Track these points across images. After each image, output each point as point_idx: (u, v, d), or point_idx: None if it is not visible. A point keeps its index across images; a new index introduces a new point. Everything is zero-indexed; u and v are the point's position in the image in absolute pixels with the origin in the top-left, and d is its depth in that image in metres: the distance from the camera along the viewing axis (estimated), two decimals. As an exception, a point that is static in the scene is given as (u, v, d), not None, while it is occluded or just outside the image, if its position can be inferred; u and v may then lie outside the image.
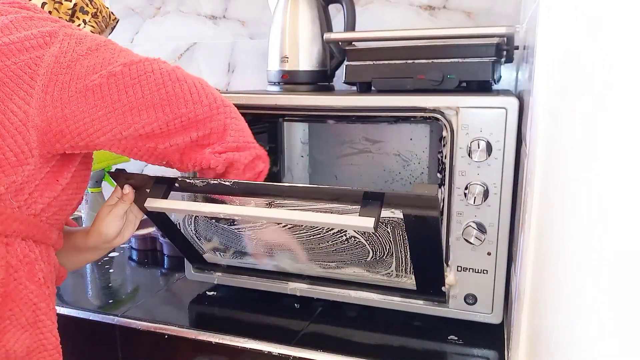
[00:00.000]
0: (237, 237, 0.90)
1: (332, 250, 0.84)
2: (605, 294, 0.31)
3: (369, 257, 0.84)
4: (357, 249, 0.83)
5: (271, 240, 0.88)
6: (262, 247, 0.90)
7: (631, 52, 0.29)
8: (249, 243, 0.91)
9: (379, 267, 0.85)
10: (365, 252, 0.83)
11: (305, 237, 0.83)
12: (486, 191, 0.79)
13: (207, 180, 0.72)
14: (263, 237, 0.88)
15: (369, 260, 0.85)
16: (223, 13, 1.38)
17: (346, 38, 1.01)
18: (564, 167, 0.47)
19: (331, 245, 0.83)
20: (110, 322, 0.94)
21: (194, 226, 0.90)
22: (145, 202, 0.76)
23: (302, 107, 0.88)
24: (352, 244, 0.82)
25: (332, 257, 0.86)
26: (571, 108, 0.45)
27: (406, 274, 0.84)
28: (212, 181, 0.72)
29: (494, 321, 0.85)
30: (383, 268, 0.85)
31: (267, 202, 0.77)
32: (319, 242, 0.83)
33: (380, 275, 0.87)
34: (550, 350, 0.47)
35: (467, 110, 0.78)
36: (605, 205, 0.32)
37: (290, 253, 0.88)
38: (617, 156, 0.30)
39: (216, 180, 0.71)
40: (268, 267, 0.95)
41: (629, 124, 0.28)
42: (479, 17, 1.17)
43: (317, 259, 0.88)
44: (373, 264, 0.85)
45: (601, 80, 0.35)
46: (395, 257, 0.82)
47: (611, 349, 0.30)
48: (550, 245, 0.51)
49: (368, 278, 0.89)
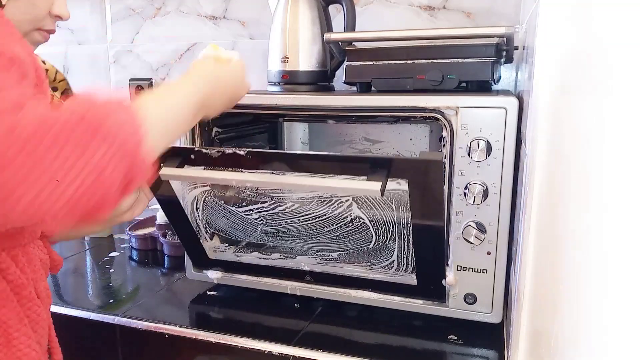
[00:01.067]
0: (243, 222, 0.90)
1: (336, 236, 0.85)
2: (606, 293, 0.32)
3: (372, 244, 0.84)
4: (360, 234, 0.83)
5: (277, 225, 0.87)
6: (268, 234, 0.90)
7: (631, 52, 0.29)
8: (255, 230, 0.91)
9: (381, 256, 0.85)
10: (368, 237, 0.83)
11: (310, 220, 0.84)
12: (486, 191, 0.79)
13: (222, 150, 0.76)
14: (269, 221, 0.87)
15: (371, 248, 0.85)
16: (223, 13, 1.38)
17: (346, 38, 1.01)
18: (564, 167, 0.47)
19: (335, 230, 0.84)
20: (110, 321, 0.94)
21: (202, 211, 0.91)
22: (160, 170, 0.77)
23: (302, 107, 0.88)
24: (356, 227, 0.83)
25: (335, 245, 0.86)
26: (571, 108, 0.45)
27: (407, 266, 0.85)
28: (227, 150, 0.75)
29: (494, 320, 0.85)
30: (385, 257, 0.85)
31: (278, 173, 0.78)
32: (323, 226, 0.84)
33: (381, 269, 0.88)
34: (550, 349, 0.47)
35: (467, 110, 0.78)
36: (606, 205, 0.32)
37: (294, 242, 0.88)
38: (617, 156, 0.30)
39: (231, 150, 0.75)
40: (271, 258, 0.96)
41: (630, 123, 0.28)
42: (479, 18, 1.17)
43: (320, 247, 0.88)
44: (375, 253, 0.86)
45: (601, 79, 0.35)
46: (398, 241, 0.82)
47: (611, 349, 0.30)
48: (550, 244, 0.51)
49: (368, 274, 0.90)
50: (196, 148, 0.78)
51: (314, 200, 0.85)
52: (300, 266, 0.94)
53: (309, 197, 0.85)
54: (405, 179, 0.70)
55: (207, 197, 0.90)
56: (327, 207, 0.84)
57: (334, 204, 0.83)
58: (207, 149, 0.77)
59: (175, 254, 1.24)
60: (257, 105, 0.91)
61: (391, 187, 0.72)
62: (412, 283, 0.88)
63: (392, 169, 0.68)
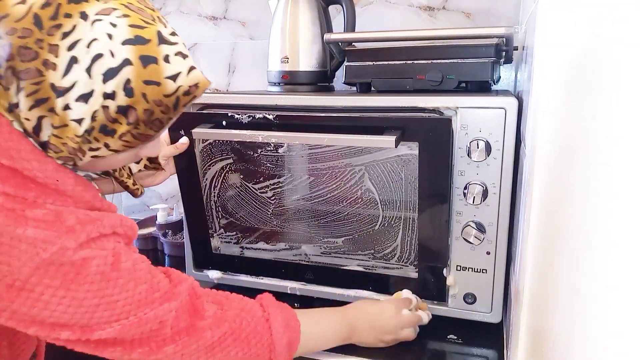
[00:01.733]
0: (256, 202, 0.95)
1: (344, 216, 0.90)
2: (606, 293, 0.32)
3: (378, 224, 0.88)
4: (368, 210, 0.87)
5: (288, 205, 0.92)
6: (277, 217, 0.95)
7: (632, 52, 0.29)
8: (267, 211, 0.95)
9: (385, 241, 0.88)
10: (375, 216, 0.87)
11: (323, 196, 0.90)
12: (485, 191, 0.80)
13: (252, 115, 0.87)
14: (284, 198, 0.92)
15: (377, 230, 0.88)
16: (223, 14, 1.39)
17: (346, 39, 1.01)
18: (564, 167, 0.47)
19: (344, 208, 0.89)
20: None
21: (219, 189, 0.96)
22: (194, 129, 0.88)
23: (302, 108, 0.89)
24: (365, 203, 0.88)
25: (342, 228, 0.91)
26: (571, 108, 0.46)
27: (409, 254, 0.87)
28: (257, 115, 0.87)
29: (493, 320, 0.85)
30: (388, 243, 0.88)
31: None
32: (334, 203, 0.90)
33: (383, 260, 0.89)
34: (550, 349, 0.47)
35: (467, 111, 0.78)
36: (607, 204, 0.32)
37: (302, 225, 0.93)
38: (618, 155, 0.31)
39: (260, 114, 0.86)
40: (275, 249, 0.97)
41: (630, 123, 0.29)
42: (478, 18, 1.17)
43: (327, 232, 0.92)
44: (379, 237, 0.88)
45: (601, 79, 0.35)
46: (403, 221, 0.85)
47: (611, 348, 0.30)
48: (550, 244, 0.51)
49: (369, 268, 0.90)
50: (229, 113, 0.89)
51: (328, 172, 0.90)
52: (302, 259, 0.95)
53: (325, 167, 0.90)
54: (416, 141, 0.80)
55: (227, 172, 0.95)
56: (340, 179, 0.88)
57: (347, 175, 0.88)
58: (239, 114, 0.88)
59: (176, 253, 1.24)
60: (257, 105, 0.91)
61: (403, 152, 0.82)
62: (412, 276, 0.88)
63: (405, 129, 0.80)
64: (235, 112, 0.88)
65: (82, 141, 0.56)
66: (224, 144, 0.94)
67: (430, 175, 0.81)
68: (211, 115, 0.91)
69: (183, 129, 0.91)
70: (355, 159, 0.87)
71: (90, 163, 0.60)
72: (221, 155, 0.95)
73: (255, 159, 0.93)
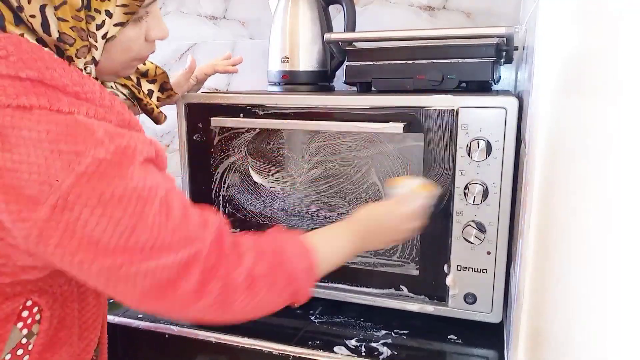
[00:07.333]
0: (264, 196, 0.97)
1: (349, 210, 0.91)
2: (606, 293, 0.32)
3: None
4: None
5: (295, 199, 0.93)
6: (283, 211, 0.96)
7: (632, 52, 0.29)
8: (273, 205, 0.96)
9: None
10: None
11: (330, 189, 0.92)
12: (486, 190, 0.79)
13: (267, 108, 0.91)
14: (290, 194, 0.93)
15: None
16: (223, 13, 1.38)
17: (346, 38, 1.01)
18: (565, 167, 0.47)
19: (349, 202, 0.91)
20: (110, 321, 0.94)
21: (229, 183, 0.98)
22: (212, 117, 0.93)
23: (302, 107, 0.89)
24: (370, 197, 0.89)
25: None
26: (571, 108, 0.45)
27: (411, 249, 0.88)
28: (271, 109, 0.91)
29: (494, 320, 0.85)
30: None
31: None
32: (339, 197, 0.92)
33: (385, 255, 0.89)
34: (550, 349, 0.47)
35: (467, 110, 0.78)
36: (607, 205, 0.32)
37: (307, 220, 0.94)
38: (618, 155, 0.30)
39: (275, 104, 0.90)
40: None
41: (630, 123, 0.28)
42: (479, 18, 1.17)
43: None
44: None
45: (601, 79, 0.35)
46: None
47: (611, 348, 0.30)
48: (551, 244, 0.51)
49: (371, 265, 0.90)
50: (247, 106, 0.92)
51: (336, 164, 0.91)
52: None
53: (334, 159, 0.92)
54: (421, 132, 0.82)
55: (238, 166, 0.98)
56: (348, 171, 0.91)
57: (354, 168, 0.90)
58: (256, 107, 0.92)
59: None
60: (257, 105, 0.91)
61: (408, 144, 0.85)
62: (414, 273, 0.88)
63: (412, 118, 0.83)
64: (253, 107, 0.92)
65: (86, 18, 0.56)
66: (238, 137, 0.97)
67: (434, 164, 0.83)
68: (229, 108, 0.94)
69: (202, 119, 0.95)
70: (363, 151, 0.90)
71: (107, 58, 0.61)
72: (234, 150, 0.97)
73: (266, 152, 0.96)
